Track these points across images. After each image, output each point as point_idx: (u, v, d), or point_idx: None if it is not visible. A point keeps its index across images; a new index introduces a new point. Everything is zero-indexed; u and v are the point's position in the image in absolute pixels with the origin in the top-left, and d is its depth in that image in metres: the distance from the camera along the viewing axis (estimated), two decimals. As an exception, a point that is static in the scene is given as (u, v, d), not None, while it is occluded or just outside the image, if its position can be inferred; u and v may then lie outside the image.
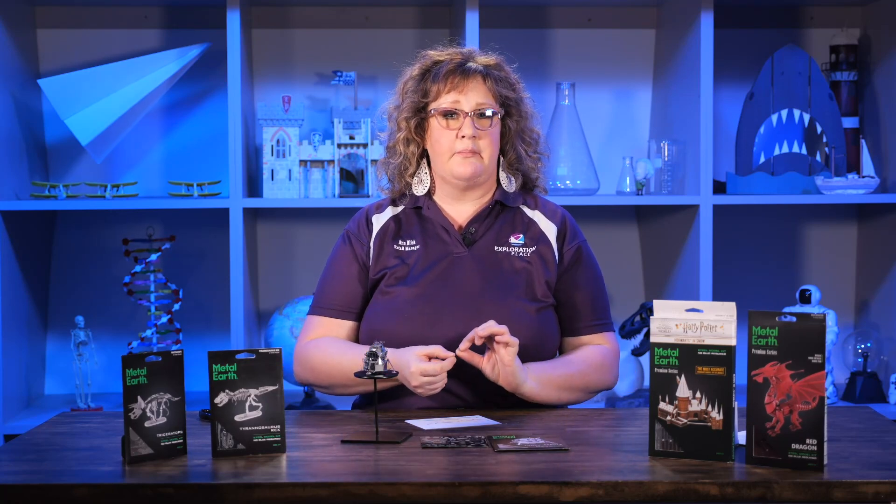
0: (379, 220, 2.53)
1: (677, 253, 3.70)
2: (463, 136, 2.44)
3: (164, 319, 3.65)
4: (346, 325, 2.50)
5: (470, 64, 2.48)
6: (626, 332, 3.62)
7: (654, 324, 2.01)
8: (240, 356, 2.05)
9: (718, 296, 3.74)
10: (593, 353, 2.48)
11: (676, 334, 1.99)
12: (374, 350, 2.16)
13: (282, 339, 3.51)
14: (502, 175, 2.52)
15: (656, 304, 2.02)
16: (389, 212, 2.54)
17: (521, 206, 2.53)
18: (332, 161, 3.63)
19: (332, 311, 2.50)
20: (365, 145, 3.63)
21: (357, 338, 2.51)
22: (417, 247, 2.49)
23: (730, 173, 3.73)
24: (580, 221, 2.64)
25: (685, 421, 1.97)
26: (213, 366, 2.03)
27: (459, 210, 2.52)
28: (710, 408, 1.96)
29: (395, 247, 2.50)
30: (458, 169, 2.45)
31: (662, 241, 3.84)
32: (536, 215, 2.53)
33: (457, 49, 2.53)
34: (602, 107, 3.95)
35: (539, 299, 2.46)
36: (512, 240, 2.50)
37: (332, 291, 2.51)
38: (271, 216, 3.90)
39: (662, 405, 1.99)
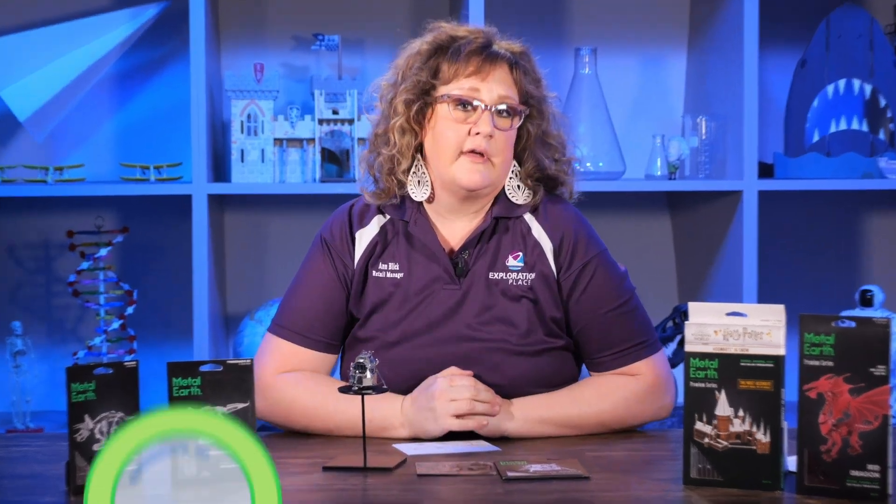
0: (363, 238, 2.44)
1: (716, 247, 3.70)
2: (477, 133, 2.36)
3: (116, 325, 3.66)
4: (329, 360, 2.45)
5: (495, 47, 2.41)
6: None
7: (689, 330, 2.01)
8: (204, 368, 2.05)
9: (764, 297, 3.74)
10: (616, 388, 2.40)
11: (715, 342, 1.99)
12: (361, 361, 2.14)
13: (253, 349, 3.52)
14: (509, 185, 2.43)
15: (692, 306, 2.02)
16: (375, 225, 2.45)
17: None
18: (313, 140, 3.64)
19: (313, 342, 2.43)
20: (351, 121, 3.63)
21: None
22: (401, 274, 2.42)
23: (778, 154, 3.73)
24: (602, 211, 2.62)
25: (726, 444, 1.98)
26: (174, 379, 2.04)
27: (453, 228, 2.44)
28: (754, 428, 1.97)
29: (375, 272, 2.42)
30: (462, 176, 2.37)
31: (699, 234, 3.85)
32: (535, 226, 2.44)
33: (476, 27, 2.45)
34: (628, 76, 3.95)
35: (544, 339, 2.40)
36: (510, 261, 2.41)
37: (313, 318, 2.43)
38: (241, 204, 3.90)
39: (699, 425, 1.99)
